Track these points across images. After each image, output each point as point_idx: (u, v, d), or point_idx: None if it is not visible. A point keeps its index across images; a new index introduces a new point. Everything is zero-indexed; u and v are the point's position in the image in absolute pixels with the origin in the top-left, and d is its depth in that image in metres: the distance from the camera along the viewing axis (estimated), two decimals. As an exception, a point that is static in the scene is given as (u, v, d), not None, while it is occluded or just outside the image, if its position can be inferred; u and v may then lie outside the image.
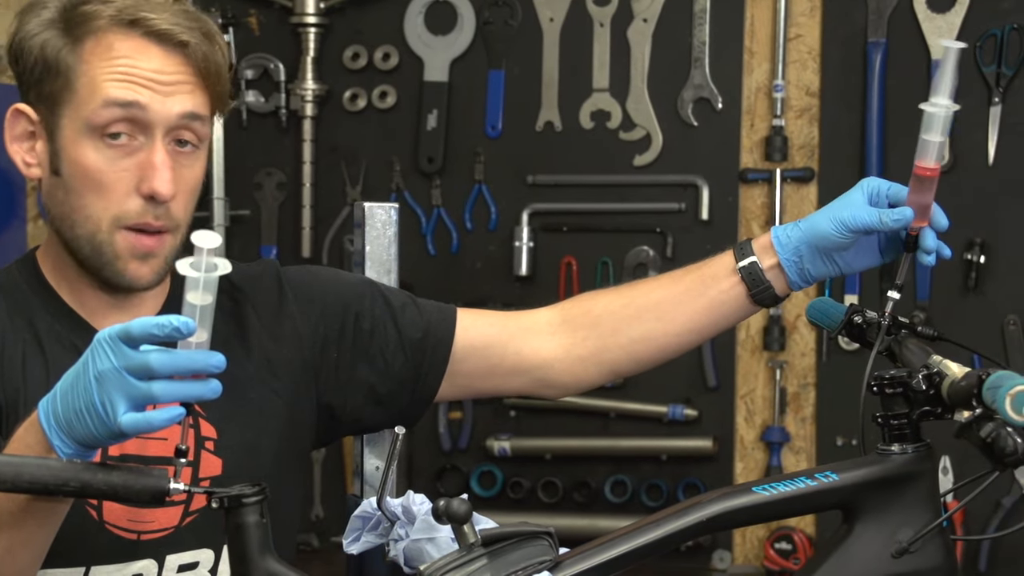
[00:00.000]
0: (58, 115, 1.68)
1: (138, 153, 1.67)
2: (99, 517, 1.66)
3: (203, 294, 1.38)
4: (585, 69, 3.76)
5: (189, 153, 1.71)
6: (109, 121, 1.65)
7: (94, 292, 1.74)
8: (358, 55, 3.86)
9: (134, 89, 1.65)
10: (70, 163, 1.68)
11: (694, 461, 3.73)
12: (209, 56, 1.69)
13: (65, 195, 1.69)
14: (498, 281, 3.82)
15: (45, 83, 1.69)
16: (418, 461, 3.84)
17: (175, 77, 1.67)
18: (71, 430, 1.41)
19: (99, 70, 1.66)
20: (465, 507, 1.35)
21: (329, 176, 3.87)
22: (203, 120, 1.71)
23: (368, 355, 1.85)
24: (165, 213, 1.68)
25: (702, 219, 3.73)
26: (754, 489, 1.52)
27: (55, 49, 1.68)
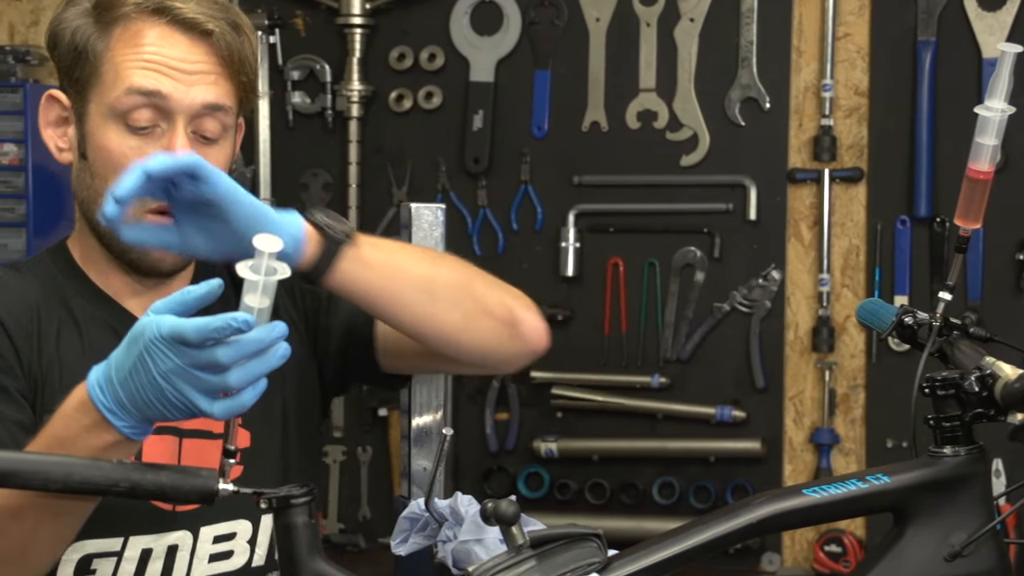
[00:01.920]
0: (86, 100, 1.71)
1: (160, 140, 1.69)
2: None
3: (261, 297, 1.39)
4: (631, 69, 3.75)
5: (212, 142, 1.72)
6: (131, 108, 1.67)
7: (121, 277, 1.77)
8: (404, 56, 3.86)
9: (156, 78, 1.67)
10: (95, 148, 1.70)
11: (742, 463, 3.72)
12: (234, 46, 1.70)
13: (91, 179, 1.72)
14: (544, 282, 3.81)
15: (75, 69, 1.71)
16: (465, 462, 3.85)
17: (199, 66, 1.69)
18: (143, 413, 1.43)
19: (124, 57, 1.68)
20: (514, 508, 1.35)
21: (375, 177, 3.88)
22: (226, 110, 1.71)
23: (328, 323, 1.86)
24: None
25: (750, 219, 3.71)
26: (804, 491, 1.51)
27: (85, 36, 1.70)
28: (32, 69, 4.05)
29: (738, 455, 3.71)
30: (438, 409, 2.08)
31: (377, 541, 3.74)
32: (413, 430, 2.06)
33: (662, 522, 3.55)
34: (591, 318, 3.80)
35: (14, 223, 3.97)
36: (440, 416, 2.07)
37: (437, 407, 2.08)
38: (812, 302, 3.73)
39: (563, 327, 3.80)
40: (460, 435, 3.78)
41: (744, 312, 3.74)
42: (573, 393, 3.81)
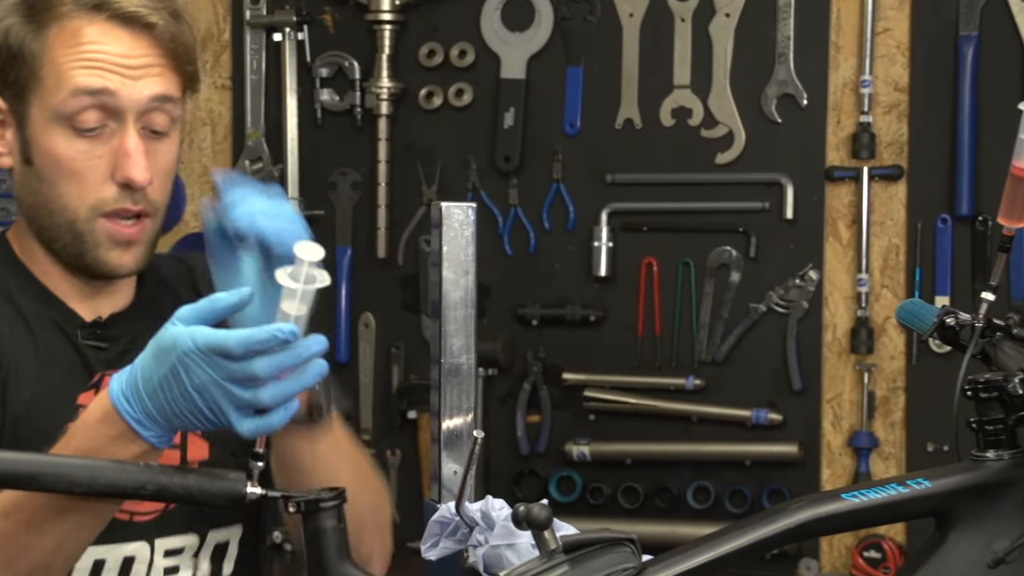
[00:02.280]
0: (26, 104, 1.69)
1: (111, 140, 1.67)
2: None
3: (299, 305, 1.40)
4: (666, 65, 3.75)
5: (163, 136, 1.71)
6: (78, 110, 1.66)
7: (66, 278, 1.75)
8: (434, 52, 3.87)
9: (103, 75, 1.66)
10: (42, 153, 1.68)
11: (779, 467, 3.70)
12: (177, 36, 1.70)
13: (39, 184, 1.70)
14: (577, 282, 3.81)
15: (11, 71, 1.69)
16: (495, 466, 3.85)
17: (143, 60, 1.67)
18: (173, 424, 1.43)
19: (65, 57, 1.66)
20: (546, 513, 1.35)
21: (404, 175, 3.89)
22: (175, 102, 1.71)
23: None
24: (143, 197, 1.69)
25: (786, 218, 3.70)
26: (843, 496, 1.50)
27: (19, 36, 1.68)
28: None
29: (774, 459, 3.70)
30: (468, 412, 2.08)
31: (406, 546, 3.73)
32: (443, 433, 2.06)
33: (697, 527, 3.55)
34: (624, 319, 3.80)
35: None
36: (470, 419, 2.07)
37: (468, 409, 2.08)
38: (850, 303, 3.71)
39: (596, 328, 3.79)
40: (491, 438, 3.78)
41: (781, 313, 3.72)
42: (606, 395, 3.80)
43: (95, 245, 1.69)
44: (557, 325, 3.81)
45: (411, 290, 3.89)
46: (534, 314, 3.82)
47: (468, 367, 2.02)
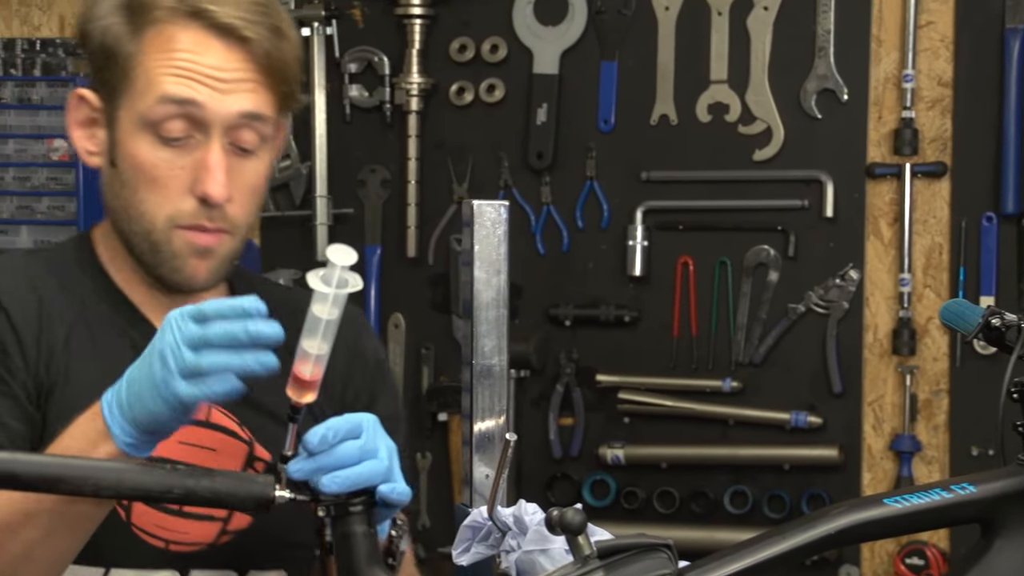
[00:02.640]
0: (116, 105, 1.69)
1: (194, 151, 1.66)
2: (127, 518, 1.66)
3: (331, 308, 1.40)
4: (702, 60, 3.74)
5: (250, 153, 1.70)
6: (164, 118, 1.65)
7: (146, 287, 1.75)
8: (465, 47, 3.87)
9: (191, 86, 1.65)
10: (126, 157, 1.69)
11: (819, 471, 3.69)
12: (274, 53, 1.67)
13: (121, 188, 1.70)
14: (611, 282, 3.81)
15: (105, 71, 1.69)
16: (527, 469, 3.85)
17: (236, 75, 1.66)
18: (133, 415, 1.43)
19: (157, 63, 1.65)
20: (580, 517, 1.34)
21: (435, 173, 3.89)
22: (265, 120, 1.69)
23: None
24: (220, 215, 1.68)
25: (826, 216, 3.69)
26: (885, 501, 1.50)
27: (115, 36, 1.68)
28: (83, 63, 4.09)
29: (814, 463, 3.69)
30: (501, 414, 2.08)
31: (437, 551, 3.74)
32: (475, 435, 2.06)
33: (734, 532, 3.54)
34: (659, 319, 3.79)
35: (64, 221, 4.02)
36: (503, 421, 2.07)
37: (500, 412, 2.07)
38: (892, 303, 3.70)
39: (630, 329, 3.79)
40: (523, 441, 3.77)
41: (820, 313, 3.71)
42: (641, 398, 3.80)
43: (171, 255, 1.69)
44: (591, 326, 3.81)
45: (441, 290, 3.90)
46: (567, 314, 3.82)
47: (500, 369, 2.01)
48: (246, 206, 1.71)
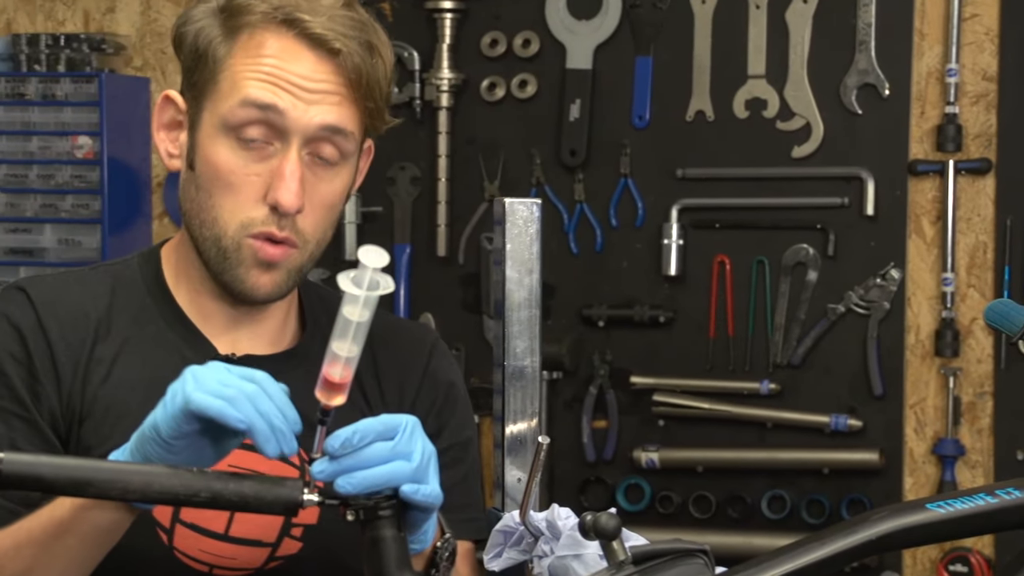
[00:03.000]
0: (201, 107, 1.70)
1: (271, 159, 1.66)
2: (169, 542, 1.65)
3: (361, 310, 1.41)
4: (740, 54, 3.74)
5: (329, 168, 1.69)
6: (245, 121, 1.66)
7: (213, 301, 1.74)
8: (497, 42, 3.87)
9: (274, 92, 1.65)
10: (203, 159, 1.69)
11: (859, 475, 3.69)
12: (363, 68, 1.67)
13: (196, 192, 1.71)
14: (645, 282, 3.81)
15: (195, 72, 1.70)
16: (560, 473, 3.85)
17: (322, 86, 1.66)
18: (144, 453, 1.45)
19: (243, 66, 1.66)
20: (615, 522, 1.34)
21: (466, 170, 3.90)
22: (347, 135, 1.68)
23: None
24: (291, 225, 1.68)
25: (867, 215, 3.69)
26: (928, 506, 1.49)
27: (208, 39, 1.69)
28: (107, 58, 4.12)
29: (854, 467, 3.68)
30: (533, 416, 2.08)
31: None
32: (507, 438, 2.06)
33: (772, 538, 3.55)
34: (695, 320, 3.79)
35: (88, 220, 4.04)
36: (535, 424, 2.07)
37: (532, 414, 2.08)
38: (935, 303, 3.69)
39: (665, 329, 3.79)
40: (556, 444, 3.78)
41: (861, 314, 3.71)
42: (676, 400, 3.80)
43: (237, 263, 1.68)
44: (625, 326, 3.81)
45: (472, 290, 3.90)
46: (601, 315, 3.82)
47: (532, 370, 2.02)
48: (319, 221, 1.70)
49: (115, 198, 4.05)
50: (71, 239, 4.05)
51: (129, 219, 4.13)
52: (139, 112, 4.12)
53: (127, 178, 4.12)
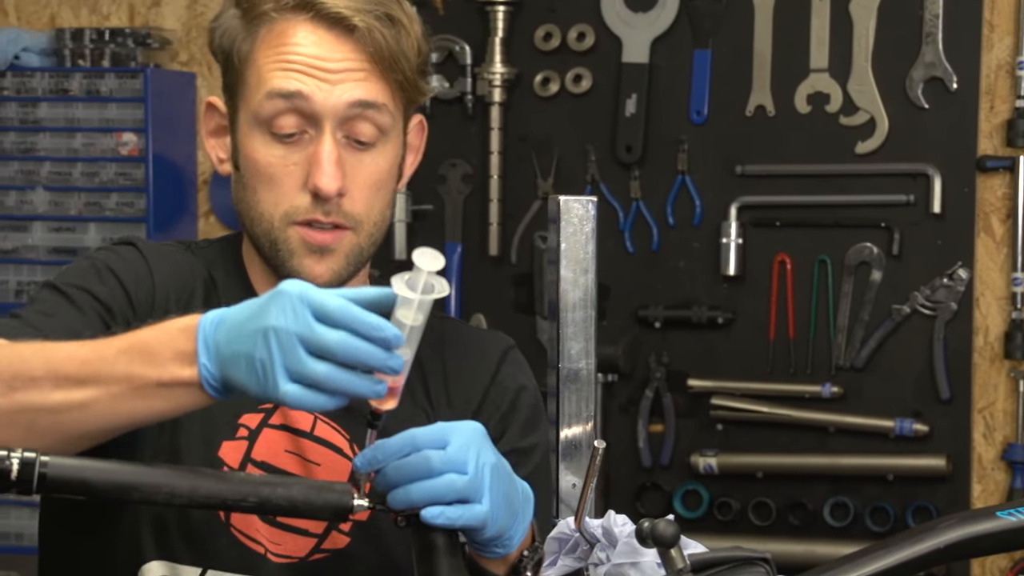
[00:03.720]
0: (236, 107, 1.73)
1: (308, 147, 1.69)
2: (226, 518, 1.67)
3: (415, 314, 1.41)
4: (802, 47, 3.73)
5: (368, 146, 1.71)
6: (274, 113, 1.68)
7: None
8: (551, 35, 3.88)
9: (297, 78, 1.67)
10: (244, 157, 1.72)
11: (925, 482, 3.67)
12: (384, 42, 1.69)
13: (243, 191, 1.74)
14: (704, 282, 3.80)
15: (227, 74, 1.74)
16: (616, 478, 3.85)
17: (343, 64, 1.68)
18: (223, 368, 1.42)
19: (266, 59, 1.69)
20: (673, 529, 1.34)
21: (518, 167, 3.90)
22: (380, 108, 1.70)
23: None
24: (336, 209, 1.69)
25: (933, 212, 3.67)
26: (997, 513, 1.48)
27: (231, 38, 1.72)
28: (153, 53, 4.14)
29: (920, 473, 3.67)
30: (588, 420, 2.08)
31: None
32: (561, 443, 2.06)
33: (835, 546, 3.54)
34: (755, 321, 3.78)
35: (133, 218, 4.07)
36: (590, 428, 2.08)
37: (587, 418, 2.08)
38: (1004, 304, 3.67)
39: (724, 331, 3.78)
40: (611, 449, 3.78)
41: (927, 315, 3.69)
42: (735, 403, 3.79)
43: (290, 254, 1.71)
44: (682, 328, 3.81)
45: (525, 290, 3.91)
46: (657, 316, 3.82)
47: (587, 373, 2.02)
48: (366, 201, 1.72)
49: (160, 196, 4.08)
50: (116, 238, 4.08)
51: (175, 217, 4.16)
52: (185, 108, 4.15)
53: (173, 176, 4.14)
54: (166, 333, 1.45)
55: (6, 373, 1.47)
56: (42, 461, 1.35)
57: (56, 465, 1.36)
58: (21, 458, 1.34)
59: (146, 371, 1.43)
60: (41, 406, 1.46)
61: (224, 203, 4.20)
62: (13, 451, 1.35)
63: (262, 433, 1.69)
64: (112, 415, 1.46)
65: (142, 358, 1.44)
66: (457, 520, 1.44)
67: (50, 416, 1.46)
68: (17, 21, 4.28)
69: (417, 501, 1.43)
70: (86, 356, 1.47)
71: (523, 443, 1.84)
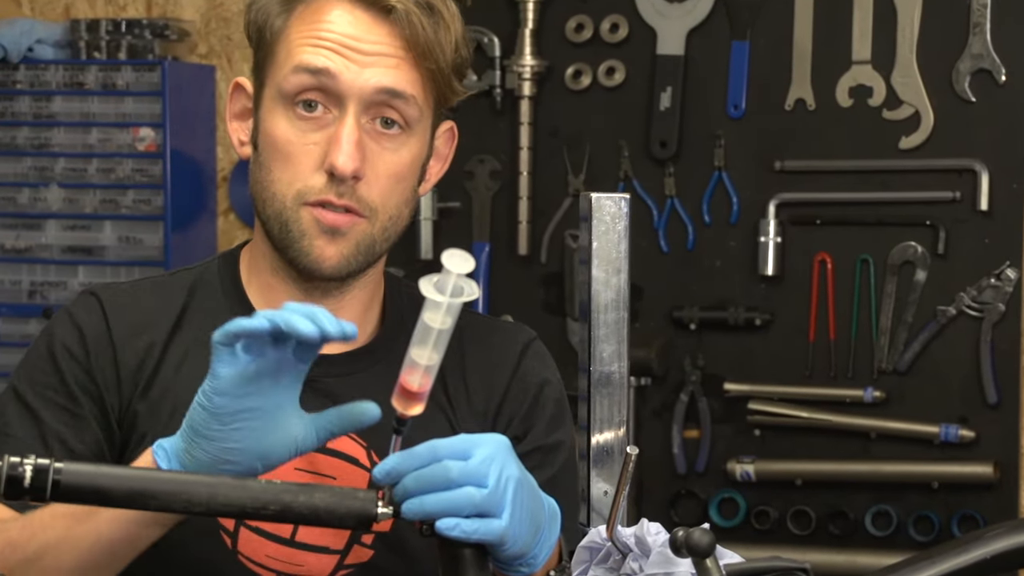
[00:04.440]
0: (263, 84, 1.74)
1: (329, 127, 1.70)
2: (233, 547, 1.68)
3: (444, 317, 1.42)
4: (843, 38, 3.72)
5: (394, 135, 1.72)
6: (299, 89, 1.69)
7: (285, 293, 1.76)
8: (582, 26, 3.88)
9: (327, 55, 1.68)
10: (263, 133, 1.73)
11: (971, 490, 3.66)
12: (420, 29, 1.70)
13: (259, 171, 1.74)
14: (740, 282, 3.80)
15: (258, 51, 1.76)
16: (649, 486, 3.85)
17: (376, 47, 1.69)
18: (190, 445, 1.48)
19: (298, 34, 1.70)
20: (708, 538, 1.34)
21: (549, 163, 3.90)
22: (407, 99, 1.70)
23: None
24: (351, 193, 1.70)
25: (980, 210, 3.66)
26: (1047, 523, 1.48)
27: (267, 14, 1.74)
28: (171, 45, 4.16)
29: (966, 481, 3.66)
30: (620, 425, 2.08)
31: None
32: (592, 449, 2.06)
33: (877, 557, 3.53)
34: (794, 323, 3.78)
35: (150, 216, 4.08)
36: (623, 433, 2.07)
37: (619, 423, 2.08)
38: (1054, 305, 3.66)
39: (762, 333, 3.78)
40: (644, 455, 3.78)
41: (973, 316, 3.68)
42: (773, 408, 3.79)
43: (300, 234, 1.71)
44: (718, 329, 3.80)
45: (555, 291, 3.91)
46: (692, 317, 3.82)
47: (620, 376, 2.02)
48: (385, 192, 1.72)
49: (178, 193, 4.09)
50: (132, 237, 4.09)
51: (193, 216, 4.17)
52: (204, 102, 4.17)
53: (191, 172, 4.16)
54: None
55: (11, 559, 1.57)
56: (56, 467, 1.35)
57: (71, 472, 1.36)
58: (35, 464, 1.35)
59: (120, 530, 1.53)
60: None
61: (244, 201, 4.21)
62: (27, 457, 1.35)
63: None
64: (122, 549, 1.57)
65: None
66: (472, 534, 1.44)
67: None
68: (31, 12, 4.30)
69: (432, 512, 1.43)
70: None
71: (548, 440, 1.84)
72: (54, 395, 1.71)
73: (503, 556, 1.48)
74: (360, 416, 1.49)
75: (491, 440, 1.48)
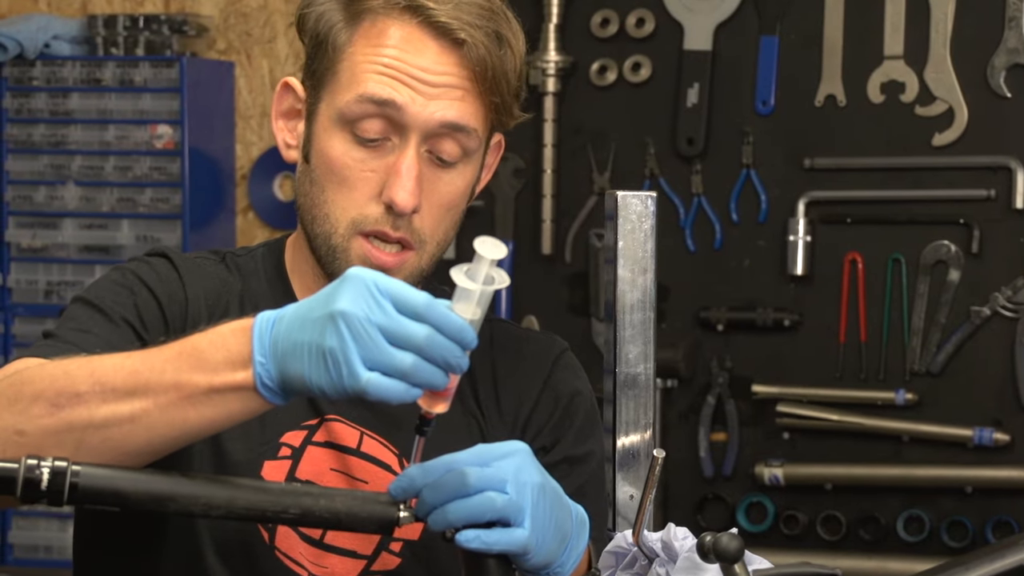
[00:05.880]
0: (319, 97, 1.74)
1: (389, 155, 1.70)
2: (270, 540, 1.69)
3: (475, 308, 1.41)
4: (875, 33, 3.71)
5: (449, 166, 1.72)
6: (361, 116, 1.69)
7: None
8: (608, 21, 3.88)
9: (394, 86, 1.68)
10: (318, 152, 1.73)
11: (1006, 494, 3.65)
12: (489, 60, 1.70)
13: (311, 186, 1.74)
14: (769, 282, 3.79)
15: (315, 60, 1.74)
16: (676, 490, 3.85)
17: (444, 79, 1.69)
18: (284, 367, 1.41)
19: (364, 57, 1.70)
20: (736, 544, 1.34)
21: (573, 161, 3.91)
22: (469, 133, 1.71)
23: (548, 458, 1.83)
24: (406, 225, 1.70)
25: (1016, 208, 3.66)
26: (1083, 530, 1.48)
27: (329, 24, 1.72)
28: (189, 40, 4.17)
29: (1001, 485, 3.65)
30: (647, 428, 2.08)
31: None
32: (618, 452, 2.06)
33: (909, 563, 3.53)
34: (824, 323, 3.77)
35: (168, 215, 4.09)
36: (649, 436, 2.07)
37: (646, 426, 2.08)
38: (1090, 306, 3.65)
39: (791, 334, 3.77)
40: (671, 458, 3.77)
41: (1008, 317, 3.67)
42: (802, 411, 3.78)
43: (347, 264, 1.71)
44: (746, 330, 3.80)
45: (580, 291, 3.91)
46: (720, 318, 3.81)
47: (646, 378, 2.02)
48: (437, 221, 1.73)
49: (197, 192, 4.10)
50: (150, 235, 4.11)
51: (211, 214, 4.18)
52: (223, 99, 4.18)
53: (209, 170, 4.17)
54: (218, 336, 1.46)
55: (50, 390, 1.48)
56: (74, 470, 1.36)
57: (88, 475, 1.37)
58: (52, 467, 1.35)
59: (196, 377, 1.43)
60: (88, 422, 1.46)
61: (263, 199, 4.22)
62: (43, 460, 1.36)
63: (306, 451, 1.70)
64: (162, 427, 1.46)
65: (191, 364, 1.44)
66: (494, 545, 1.44)
67: (98, 432, 1.47)
68: (47, 7, 4.31)
69: (455, 521, 1.43)
70: (133, 366, 1.47)
71: (577, 451, 1.84)
72: (124, 311, 1.69)
73: (527, 566, 1.48)
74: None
75: (508, 446, 1.48)
